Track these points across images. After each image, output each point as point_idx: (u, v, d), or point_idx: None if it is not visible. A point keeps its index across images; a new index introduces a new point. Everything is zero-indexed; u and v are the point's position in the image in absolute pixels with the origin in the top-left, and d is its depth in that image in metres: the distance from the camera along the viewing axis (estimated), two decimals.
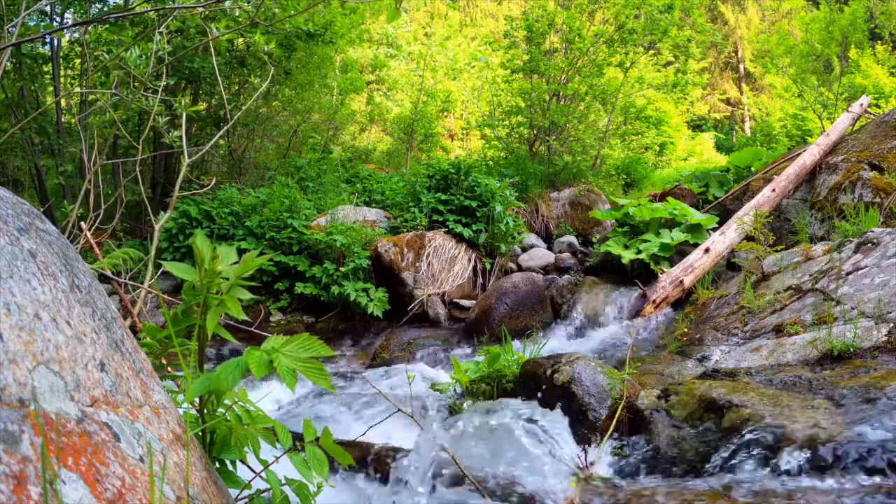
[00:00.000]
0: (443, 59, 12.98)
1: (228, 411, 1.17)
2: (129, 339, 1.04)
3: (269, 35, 5.43)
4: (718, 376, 2.34)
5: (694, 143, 16.38)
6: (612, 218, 6.31)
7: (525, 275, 4.98)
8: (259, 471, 1.18)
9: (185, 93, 7.14)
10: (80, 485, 0.70)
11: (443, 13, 24.12)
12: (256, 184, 7.33)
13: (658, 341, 3.91)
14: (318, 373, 1.11)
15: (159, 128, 3.07)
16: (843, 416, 1.63)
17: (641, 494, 1.64)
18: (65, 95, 5.98)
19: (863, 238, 3.55)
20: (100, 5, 6.38)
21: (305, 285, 5.01)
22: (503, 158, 8.87)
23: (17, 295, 0.78)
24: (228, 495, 1.09)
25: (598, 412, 2.26)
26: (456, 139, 16.92)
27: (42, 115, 5.91)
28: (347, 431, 2.67)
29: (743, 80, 24.83)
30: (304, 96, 8.60)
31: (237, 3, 2.80)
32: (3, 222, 0.87)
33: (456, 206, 5.69)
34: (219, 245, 1.17)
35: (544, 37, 8.63)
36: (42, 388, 0.73)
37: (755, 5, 24.74)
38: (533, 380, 2.59)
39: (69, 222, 3.01)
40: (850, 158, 5.36)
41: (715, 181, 7.69)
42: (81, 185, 3.92)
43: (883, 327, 2.41)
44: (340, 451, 1.23)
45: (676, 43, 9.46)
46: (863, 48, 11.69)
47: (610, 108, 9.64)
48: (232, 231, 5.54)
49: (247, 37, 6.63)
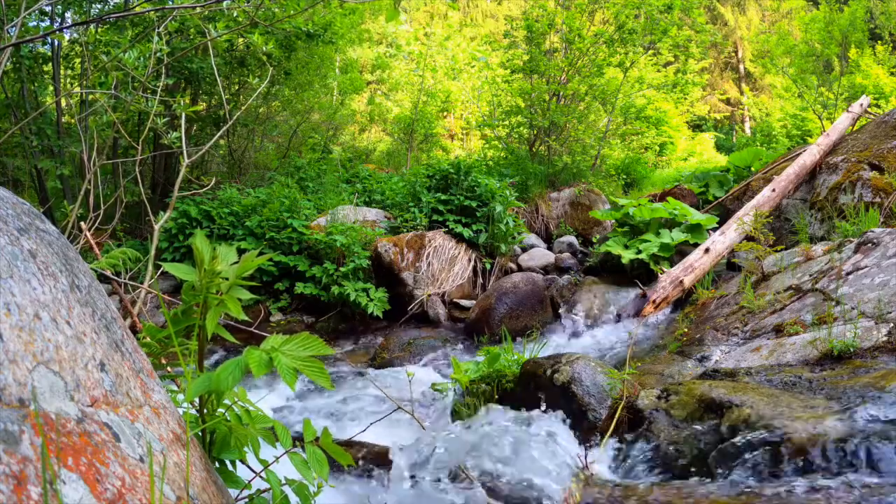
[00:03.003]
0: (443, 59, 12.99)
1: (228, 411, 1.17)
2: (129, 339, 1.04)
3: (268, 35, 5.43)
4: (718, 376, 2.34)
5: (694, 143, 16.38)
6: (612, 218, 6.31)
7: (525, 275, 4.98)
8: (259, 471, 1.18)
9: (185, 93, 7.14)
10: (80, 485, 0.70)
11: (443, 13, 24.13)
12: (256, 184, 7.33)
13: (658, 341, 3.91)
14: (317, 371, 1.11)
15: (158, 129, 3.07)
16: (843, 416, 1.63)
17: (641, 494, 1.64)
18: (65, 95, 5.98)
19: (863, 238, 3.55)
20: (100, 5, 6.38)
21: (305, 285, 5.01)
22: (503, 158, 8.87)
23: (17, 295, 0.78)
24: (228, 495, 1.09)
25: (598, 412, 2.26)
26: (456, 139, 16.92)
27: (41, 115, 5.91)
28: (347, 431, 2.67)
29: (743, 80, 24.83)
30: (304, 96, 8.61)
31: (236, 3, 2.80)
32: (3, 222, 0.87)
33: (456, 206, 5.69)
34: (218, 245, 1.17)
35: (544, 37, 8.63)
36: (42, 388, 0.73)
37: (755, 6, 24.75)
38: (533, 380, 2.58)
39: (69, 222, 3.01)
40: (850, 158, 5.36)
41: (715, 181, 7.70)
42: (81, 185, 3.92)
43: (883, 327, 2.41)
44: (340, 451, 1.23)
45: (676, 43, 9.46)
46: (863, 48, 11.68)
47: (610, 108, 9.64)
48: (232, 231, 5.54)
49: (246, 37, 6.63)
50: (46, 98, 6.94)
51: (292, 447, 1.18)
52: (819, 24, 11.23)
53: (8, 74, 5.77)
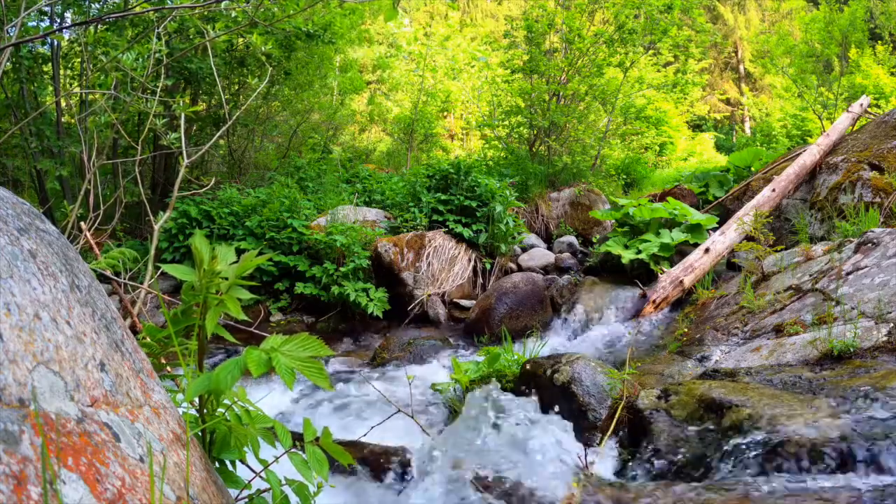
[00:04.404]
0: (443, 59, 12.99)
1: (228, 411, 1.17)
2: (129, 339, 1.04)
3: (268, 35, 5.43)
4: (718, 376, 2.34)
5: (694, 143, 16.39)
6: (612, 218, 6.31)
7: (525, 275, 4.98)
8: (259, 471, 1.18)
9: (185, 93, 7.14)
10: (80, 485, 0.70)
11: (443, 13, 24.14)
12: (256, 184, 7.33)
13: (658, 341, 3.91)
14: (316, 372, 1.11)
15: (157, 130, 3.07)
16: (843, 416, 1.63)
17: (641, 494, 1.64)
18: (64, 96, 5.98)
19: (863, 238, 3.55)
20: (99, 5, 6.38)
21: (305, 285, 5.01)
22: (503, 158, 8.87)
23: (17, 295, 0.78)
24: (228, 495, 1.09)
25: (598, 412, 2.26)
26: (456, 139, 16.93)
27: (41, 116, 5.91)
28: (347, 431, 2.67)
29: (743, 80, 24.84)
30: (304, 96, 8.61)
31: (236, 3, 2.80)
32: (3, 222, 0.87)
33: (456, 206, 5.69)
34: (218, 245, 1.17)
35: (544, 37, 8.63)
36: (42, 388, 0.73)
37: (755, 6, 24.76)
38: (533, 380, 2.58)
39: (69, 222, 3.01)
40: (850, 158, 5.36)
41: (715, 181, 7.70)
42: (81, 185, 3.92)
43: (883, 327, 2.41)
44: (340, 451, 1.23)
45: (676, 43, 9.47)
46: (863, 48, 11.69)
47: (610, 108, 9.64)
48: (232, 231, 5.54)
49: (246, 37, 6.63)
50: (46, 98, 6.94)
51: (292, 447, 1.18)
52: (819, 24, 11.24)
53: (7, 74, 5.76)
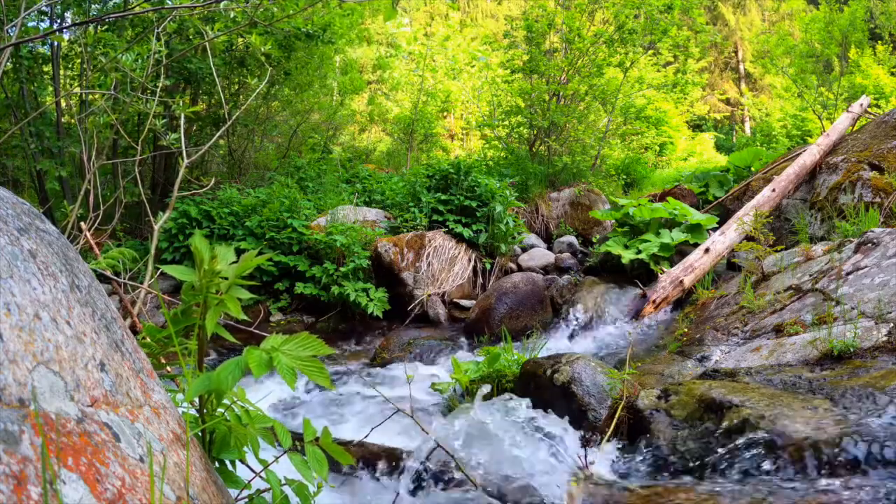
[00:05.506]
0: (443, 59, 12.99)
1: (228, 411, 1.17)
2: (129, 339, 1.04)
3: (267, 35, 5.43)
4: (718, 376, 2.34)
5: (694, 143, 16.39)
6: (612, 218, 6.31)
7: (525, 275, 4.98)
8: (259, 471, 1.18)
9: (184, 93, 7.14)
10: (80, 485, 0.70)
11: (443, 13, 24.14)
12: (256, 184, 7.33)
13: (658, 341, 3.91)
14: (317, 371, 1.11)
15: (157, 130, 3.07)
16: (843, 416, 1.63)
17: (641, 494, 1.64)
18: (64, 96, 5.98)
19: (863, 238, 3.55)
20: (98, 6, 6.37)
21: (305, 285, 5.01)
22: (503, 158, 8.87)
23: (17, 295, 0.78)
24: (228, 495, 1.09)
25: (597, 412, 2.26)
26: (456, 139, 16.92)
27: (41, 116, 5.91)
28: (347, 431, 2.67)
29: (743, 80, 24.85)
30: (304, 96, 8.60)
31: (235, 3, 2.80)
32: (3, 222, 0.87)
33: (456, 206, 5.69)
34: (218, 245, 1.17)
35: (544, 37, 8.63)
36: (42, 388, 0.73)
37: (756, 6, 24.77)
38: (533, 380, 2.58)
39: (69, 222, 3.01)
40: (850, 158, 5.36)
41: (715, 181, 7.70)
42: (81, 185, 3.92)
43: (883, 327, 2.41)
44: (340, 451, 1.23)
45: (676, 43, 9.47)
46: (863, 48, 11.69)
47: (610, 108, 9.64)
48: (232, 231, 5.54)
49: (245, 37, 6.63)
50: (46, 98, 6.94)
51: (292, 447, 1.18)
52: (819, 24, 11.24)
53: (7, 74, 5.76)
